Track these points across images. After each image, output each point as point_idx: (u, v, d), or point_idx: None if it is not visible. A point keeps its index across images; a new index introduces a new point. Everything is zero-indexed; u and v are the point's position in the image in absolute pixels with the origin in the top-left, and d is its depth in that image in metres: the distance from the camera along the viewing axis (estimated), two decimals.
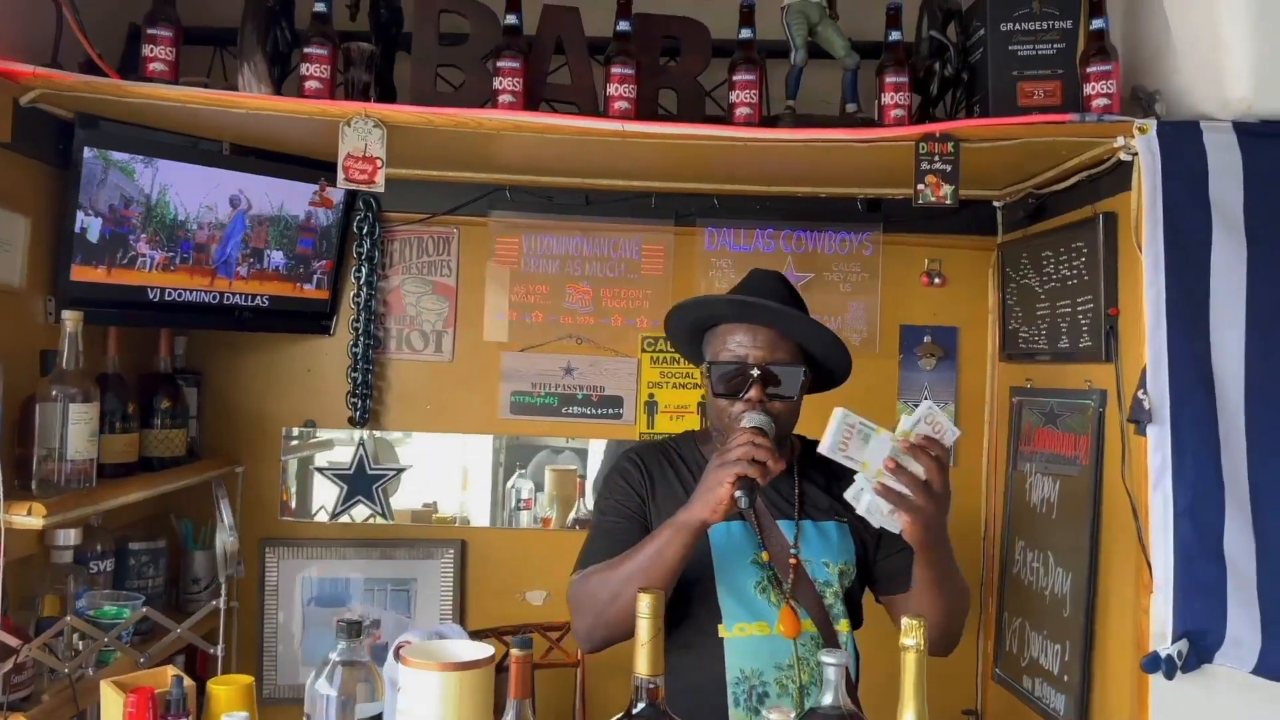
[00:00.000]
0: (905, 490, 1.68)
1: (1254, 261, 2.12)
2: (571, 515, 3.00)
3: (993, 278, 2.97)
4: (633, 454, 2.08)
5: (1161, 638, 2.08)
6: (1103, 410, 2.32)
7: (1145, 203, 2.12)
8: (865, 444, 1.68)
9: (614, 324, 2.94)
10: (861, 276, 2.95)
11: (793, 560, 1.96)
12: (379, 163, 2.13)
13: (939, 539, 1.77)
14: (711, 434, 2.06)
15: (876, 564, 2.03)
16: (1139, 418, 2.11)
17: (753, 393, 1.90)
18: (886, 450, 1.68)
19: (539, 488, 3.01)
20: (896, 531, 1.72)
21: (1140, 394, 2.11)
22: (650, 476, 2.03)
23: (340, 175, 2.12)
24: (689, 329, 2.06)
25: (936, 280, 2.99)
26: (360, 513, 2.95)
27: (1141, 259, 2.13)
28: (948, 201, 2.16)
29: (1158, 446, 2.09)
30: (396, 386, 2.96)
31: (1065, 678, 2.40)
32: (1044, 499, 2.57)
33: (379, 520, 2.95)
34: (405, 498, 2.98)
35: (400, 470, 2.96)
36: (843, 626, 1.96)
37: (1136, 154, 2.17)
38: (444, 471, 3.00)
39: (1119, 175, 2.25)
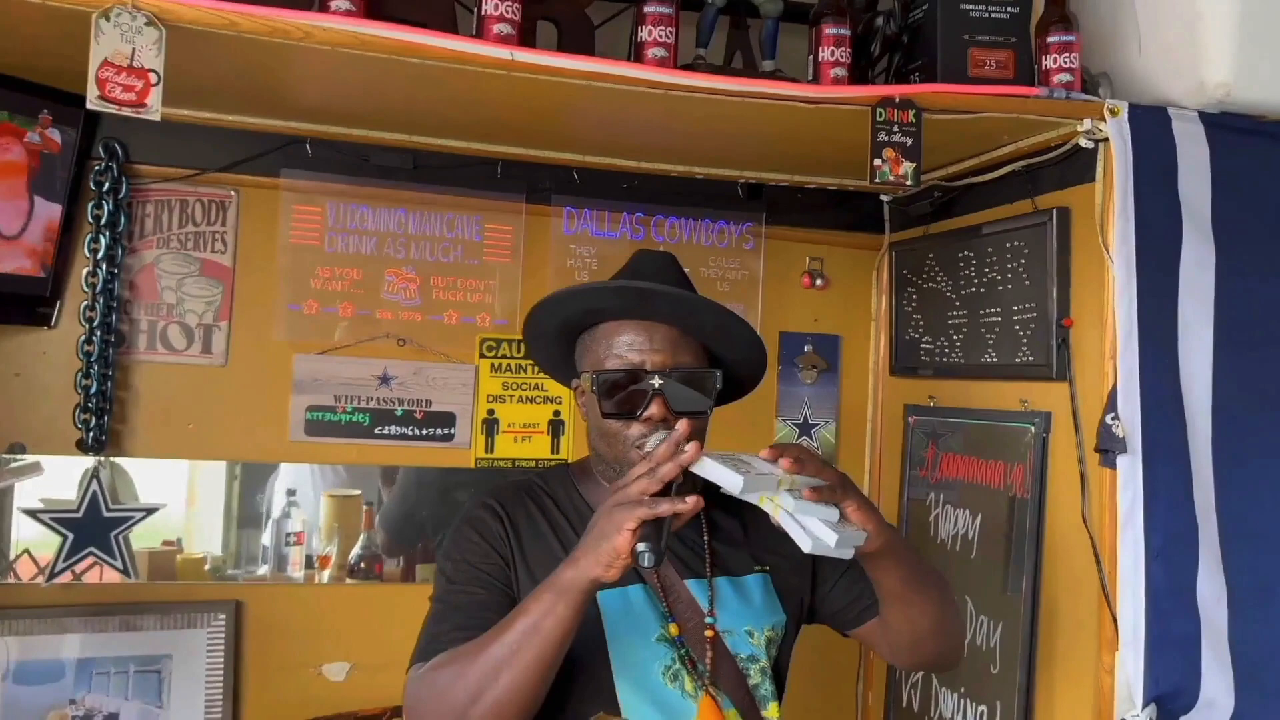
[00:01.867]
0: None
1: (1221, 270, 1.87)
2: (355, 551, 2.37)
3: (878, 281, 2.63)
4: (489, 500, 1.54)
5: (1129, 703, 1.79)
6: (1046, 436, 2.00)
7: (1116, 197, 1.81)
8: (759, 474, 1.32)
9: (446, 321, 2.34)
10: (741, 274, 2.52)
11: (709, 633, 1.49)
12: (152, 78, 1.44)
13: (891, 529, 1.47)
14: (593, 468, 1.58)
15: (828, 598, 1.63)
16: (1109, 446, 1.81)
17: (654, 410, 1.44)
18: (775, 471, 1.33)
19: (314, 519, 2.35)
20: (851, 554, 1.35)
21: (1110, 419, 1.80)
22: (514, 529, 1.51)
23: (92, 91, 1.41)
24: (558, 331, 1.56)
25: (819, 282, 2.61)
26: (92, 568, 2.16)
27: (1107, 262, 1.83)
28: (908, 182, 1.76)
29: (1129, 480, 1.80)
30: (147, 399, 2.20)
31: None
32: (957, 535, 2.24)
33: (119, 578, 2.17)
34: (157, 547, 2.22)
35: (149, 511, 2.19)
36: (771, 712, 1.52)
37: (1102, 140, 1.87)
38: (212, 512, 2.27)
39: (1074, 165, 1.95)
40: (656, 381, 1.44)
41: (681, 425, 1.34)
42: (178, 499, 2.25)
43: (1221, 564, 1.83)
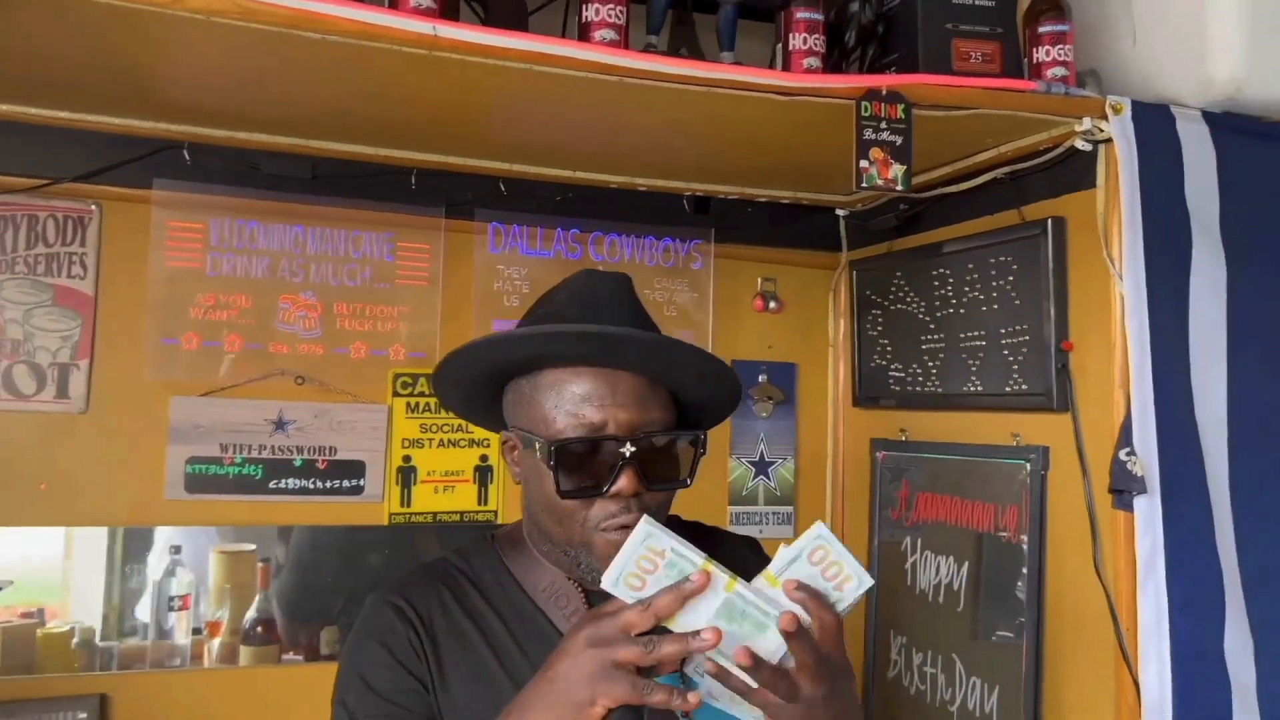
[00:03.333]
0: (750, 682, 1.01)
1: (1234, 285, 1.68)
2: (249, 615, 2.02)
3: (835, 303, 2.40)
4: (395, 598, 1.20)
5: None
6: (1044, 473, 1.78)
7: (1123, 204, 1.61)
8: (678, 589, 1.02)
9: (353, 355, 2.01)
10: (690, 297, 2.26)
11: None
12: None
13: None
14: (530, 541, 1.27)
15: None
16: (1125, 486, 1.59)
17: (623, 484, 1.14)
18: (721, 609, 1.01)
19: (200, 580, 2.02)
20: None
21: (1124, 455, 1.59)
22: (430, 636, 1.19)
23: None
24: (484, 377, 1.24)
25: (772, 304, 2.37)
26: None
27: (1112, 278, 1.63)
28: (898, 187, 1.52)
29: (1148, 524, 1.58)
30: None
31: None
32: (940, 584, 2.00)
33: None
34: (13, 621, 1.85)
35: None
36: None
37: (1103, 141, 1.67)
38: (70, 587, 1.89)
39: (1067, 170, 1.74)
40: (628, 449, 1.13)
41: (709, 635, 0.99)
42: (33, 570, 1.88)
43: (1246, 614, 1.62)
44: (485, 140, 1.94)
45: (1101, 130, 1.65)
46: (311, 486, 1.99)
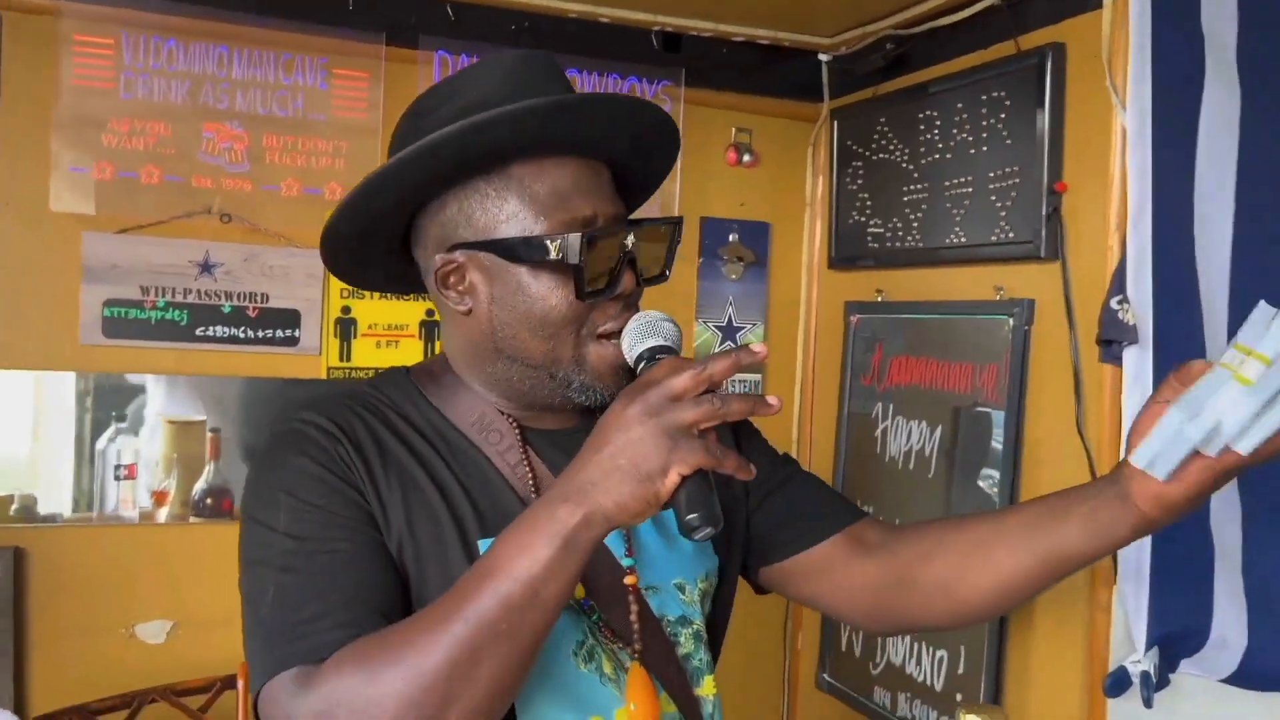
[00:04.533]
0: None
1: (1247, 121, 1.52)
2: (199, 486, 1.91)
3: (814, 159, 2.23)
4: (314, 416, 1.03)
5: (1128, 646, 1.49)
6: (1028, 328, 1.65)
7: (1133, 24, 1.44)
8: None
9: (284, 193, 1.84)
10: None
11: (630, 580, 1.07)
12: None
13: None
14: (465, 370, 1.11)
15: (766, 517, 1.21)
16: (1115, 335, 1.46)
17: (628, 281, 1.01)
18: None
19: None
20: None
21: (1115, 303, 1.46)
22: (363, 459, 1.01)
23: None
24: (409, 192, 1.04)
25: (746, 158, 2.20)
26: None
27: (1115, 111, 1.47)
28: None
29: (1137, 377, 1.46)
30: None
31: (958, 696, 1.75)
32: (911, 451, 1.89)
33: None
34: None
35: None
36: (706, 688, 1.13)
37: None
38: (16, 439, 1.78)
39: None
40: (631, 240, 1.01)
41: (760, 347, 0.89)
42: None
43: (1236, 483, 1.52)
44: None
45: None
46: (242, 335, 1.85)
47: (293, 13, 1.79)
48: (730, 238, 2.20)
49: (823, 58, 2.17)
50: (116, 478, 1.89)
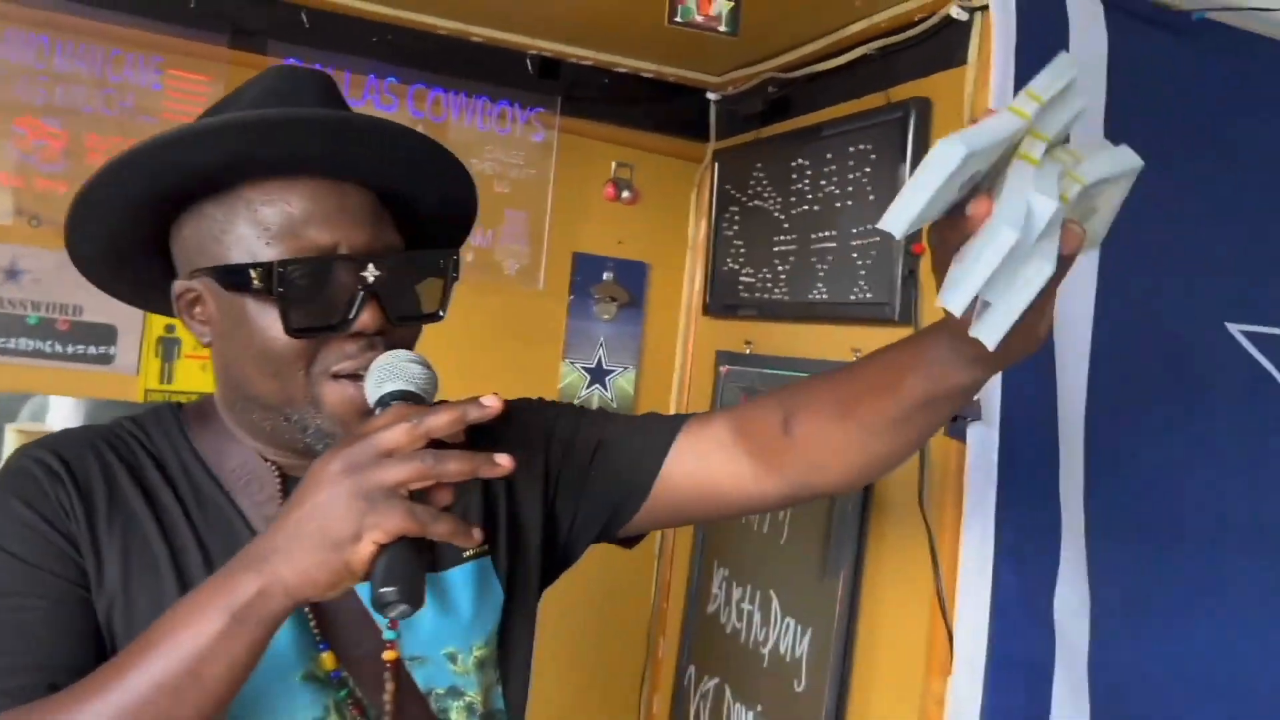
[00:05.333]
0: None
1: None
2: None
3: (699, 199, 2.14)
4: (41, 453, 0.93)
5: None
6: None
7: (994, 83, 1.37)
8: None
9: None
10: (526, 174, 1.97)
11: (388, 656, 0.97)
12: None
13: None
14: (227, 412, 1.01)
15: (598, 490, 1.12)
16: (959, 411, 1.37)
17: (367, 318, 0.90)
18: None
19: None
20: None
21: None
22: (84, 498, 0.92)
23: None
24: (144, 209, 0.94)
25: (626, 194, 2.10)
26: None
27: None
28: (721, 28, 1.26)
29: (981, 456, 1.37)
30: None
31: None
32: (765, 515, 1.79)
33: None
34: None
35: None
36: None
37: (979, 9, 1.42)
38: None
39: (940, 45, 1.49)
40: (371, 274, 0.89)
41: (492, 401, 0.80)
42: None
43: (1086, 569, 1.43)
44: None
45: None
46: (49, 350, 1.70)
47: (127, 6, 1.66)
48: (605, 276, 2.09)
49: (711, 96, 2.09)
50: None
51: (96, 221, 0.96)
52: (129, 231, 0.97)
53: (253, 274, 0.87)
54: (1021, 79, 1.37)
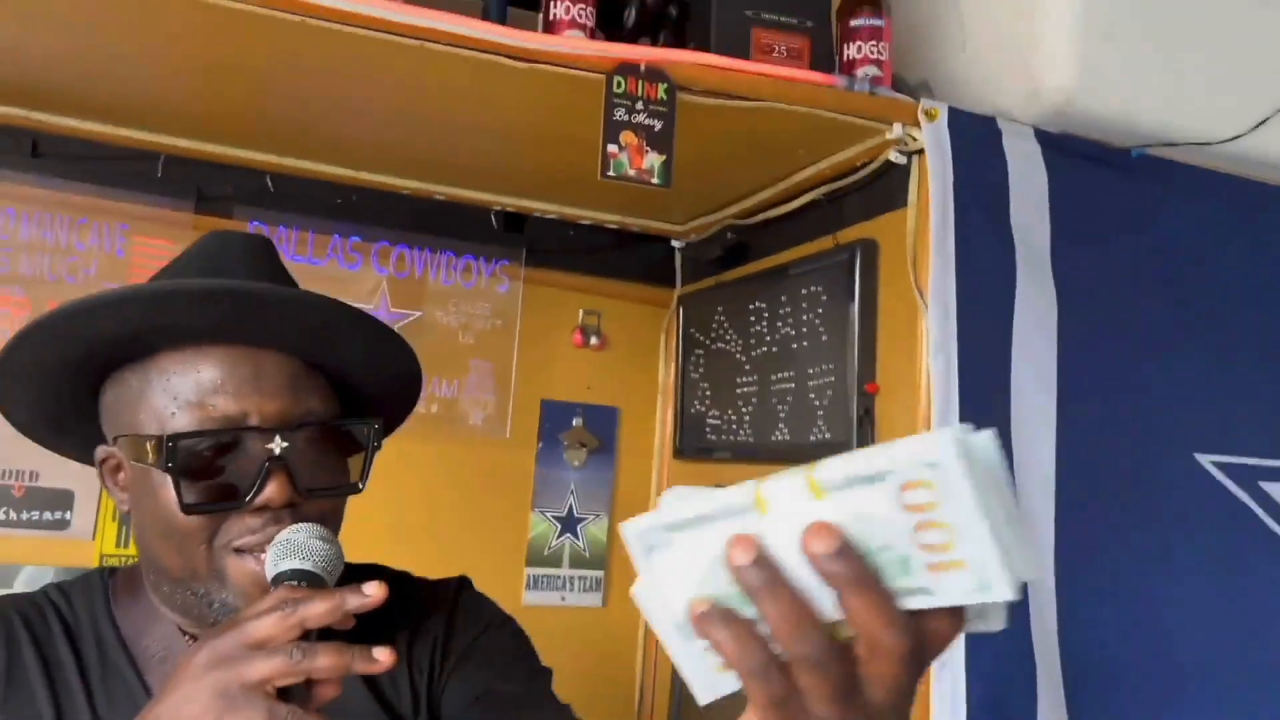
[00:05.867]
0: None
1: (1066, 327, 1.46)
2: None
3: (667, 343, 2.15)
4: None
5: None
6: None
7: (933, 223, 1.38)
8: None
9: None
10: (491, 324, 1.99)
11: None
12: None
13: None
14: (147, 584, 0.97)
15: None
16: None
17: (271, 491, 0.86)
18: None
19: None
20: None
21: None
22: None
23: None
24: (72, 369, 0.94)
25: (594, 340, 2.10)
26: None
27: (919, 308, 1.39)
28: (653, 180, 1.28)
29: None
30: None
31: None
32: None
33: None
34: None
35: None
36: None
37: (917, 152, 1.45)
38: None
39: (883, 188, 1.52)
40: (278, 445, 0.86)
41: (374, 589, 0.76)
42: None
43: (1066, 713, 1.36)
44: (251, 126, 1.69)
45: (914, 139, 1.43)
46: (3, 517, 1.67)
47: (93, 176, 1.71)
48: (574, 422, 2.08)
49: (675, 244, 2.12)
50: None
51: (19, 389, 0.96)
52: (57, 397, 0.96)
53: (148, 446, 0.86)
54: (962, 216, 1.39)
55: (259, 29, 1.21)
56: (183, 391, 0.88)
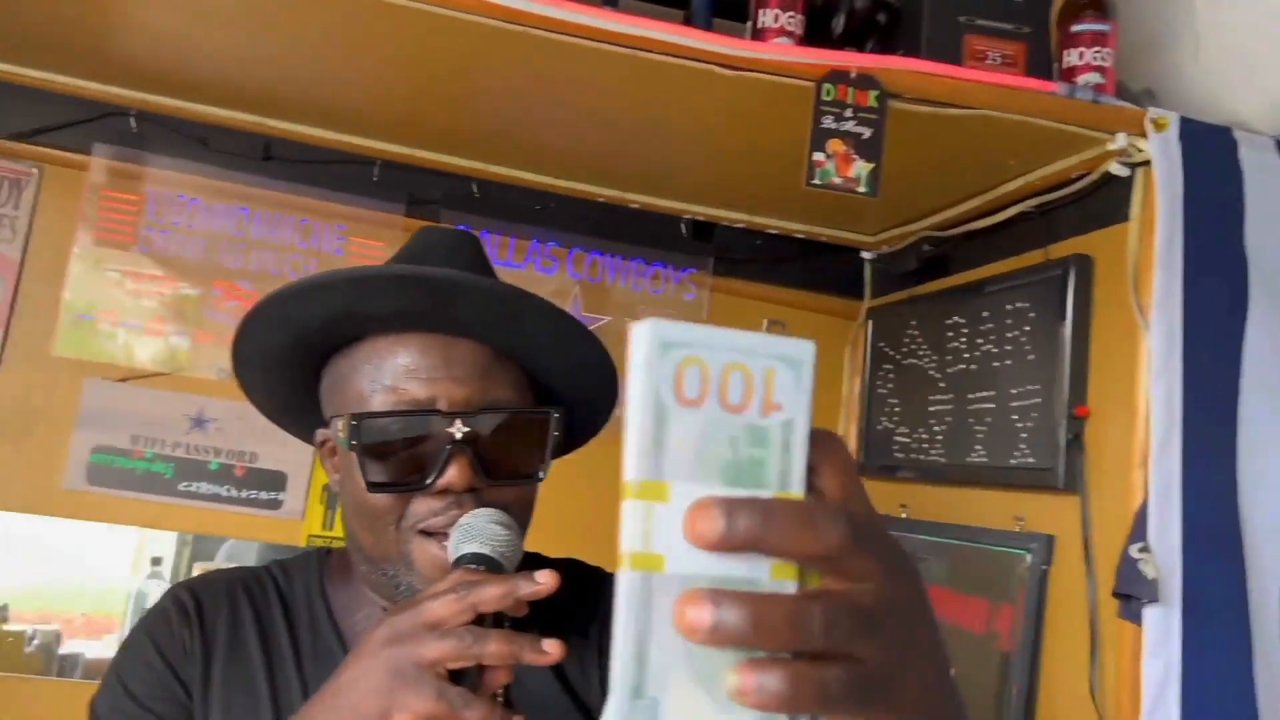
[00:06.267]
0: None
1: None
2: None
3: (853, 357, 2.11)
4: (182, 592, 0.98)
5: None
6: (1046, 567, 1.44)
7: (1159, 240, 1.30)
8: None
9: None
10: None
11: None
12: None
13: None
14: (355, 560, 1.00)
15: None
16: (1133, 590, 1.25)
17: (453, 474, 0.88)
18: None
19: None
20: None
21: (1136, 551, 1.26)
22: (205, 640, 0.95)
23: None
24: (291, 352, 0.98)
25: None
26: None
27: (1140, 330, 1.31)
28: (860, 189, 1.26)
29: (1160, 644, 1.24)
30: None
31: None
32: None
33: None
34: None
35: None
36: None
37: (1141, 164, 1.37)
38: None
39: (1102, 201, 1.44)
40: (459, 429, 0.88)
41: (546, 577, 0.75)
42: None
43: None
44: (460, 134, 1.77)
45: (1140, 150, 1.35)
46: (225, 494, 1.80)
47: (316, 179, 1.83)
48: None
49: (865, 255, 2.08)
50: None
51: (255, 376, 1.03)
52: (285, 381, 1.02)
53: (339, 426, 0.90)
54: (1190, 233, 1.31)
55: (479, 39, 1.27)
56: (381, 376, 0.92)
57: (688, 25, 1.53)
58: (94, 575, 1.90)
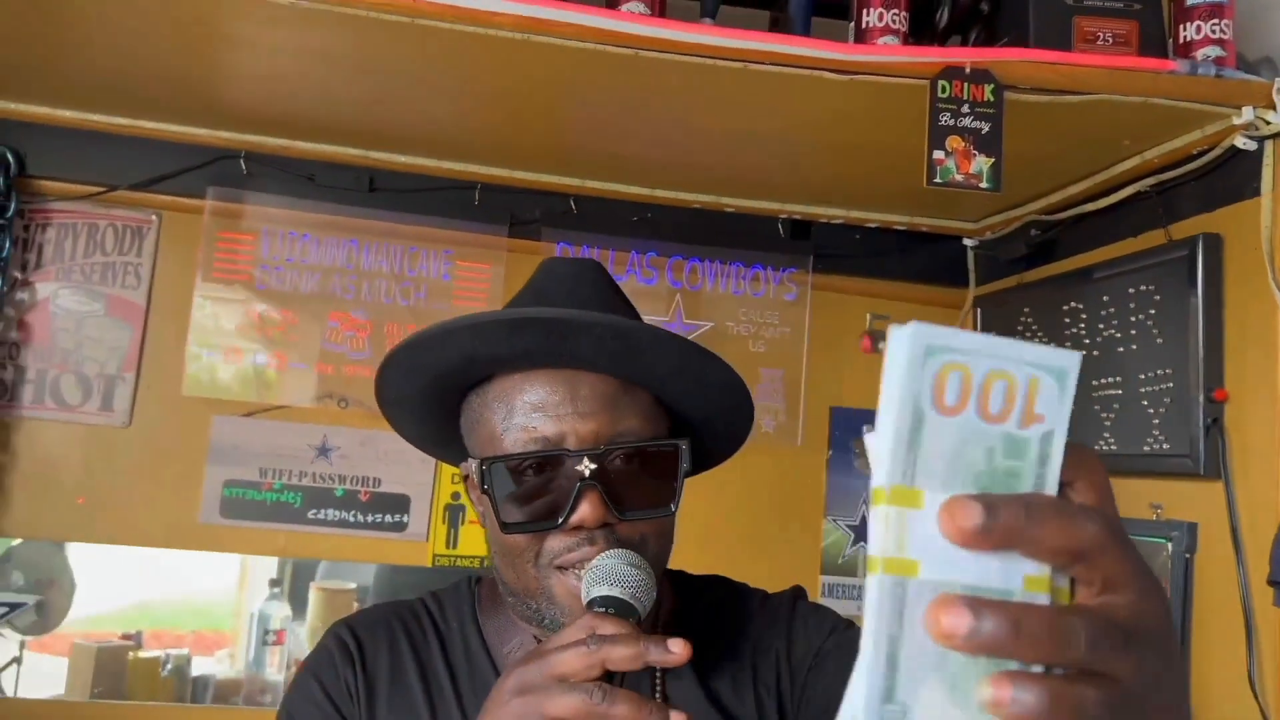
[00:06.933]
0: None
1: None
2: None
3: None
4: (343, 631, 1.01)
5: None
6: (1189, 556, 1.41)
7: None
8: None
9: None
10: (780, 332, 2.00)
11: None
12: None
13: None
14: (502, 591, 1.01)
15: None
16: None
17: (585, 512, 0.88)
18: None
19: (298, 615, 1.94)
20: None
21: None
22: (368, 679, 0.98)
23: None
24: (431, 391, 1.00)
25: (882, 345, 2.06)
26: None
27: None
28: (982, 184, 1.24)
29: None
30: (28, 464, 1.78)
31: None
32: None
33: None
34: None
35: (13, 607, 1.77)
36: None
37: (1272, 137, 1.33)
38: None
39: (1227, 177, 1.40)
40: (587, 466, 0.89)
41: (678, 648, 0.74)
42: (95, 589, 1.85)
43: None
44: (556, 153, 1.79)
45: (1269, 123, 1.31)
46: (352, 519, 1.85)
47: (420, 207, 1.87)
48: (865, 429, 2.05)
49: (968, 243, 2.05)
50: (264, 643, 1.92)
51: (400, 414, 1.06)
52: (428, 418, 1.05)
53: (473, 468, 0.92)
54: None
55: (576, 62, 1.28)
56: (511, 414, 0.93)
57: (777, 26, 1.53)
58: (211, 597, 1.96)
